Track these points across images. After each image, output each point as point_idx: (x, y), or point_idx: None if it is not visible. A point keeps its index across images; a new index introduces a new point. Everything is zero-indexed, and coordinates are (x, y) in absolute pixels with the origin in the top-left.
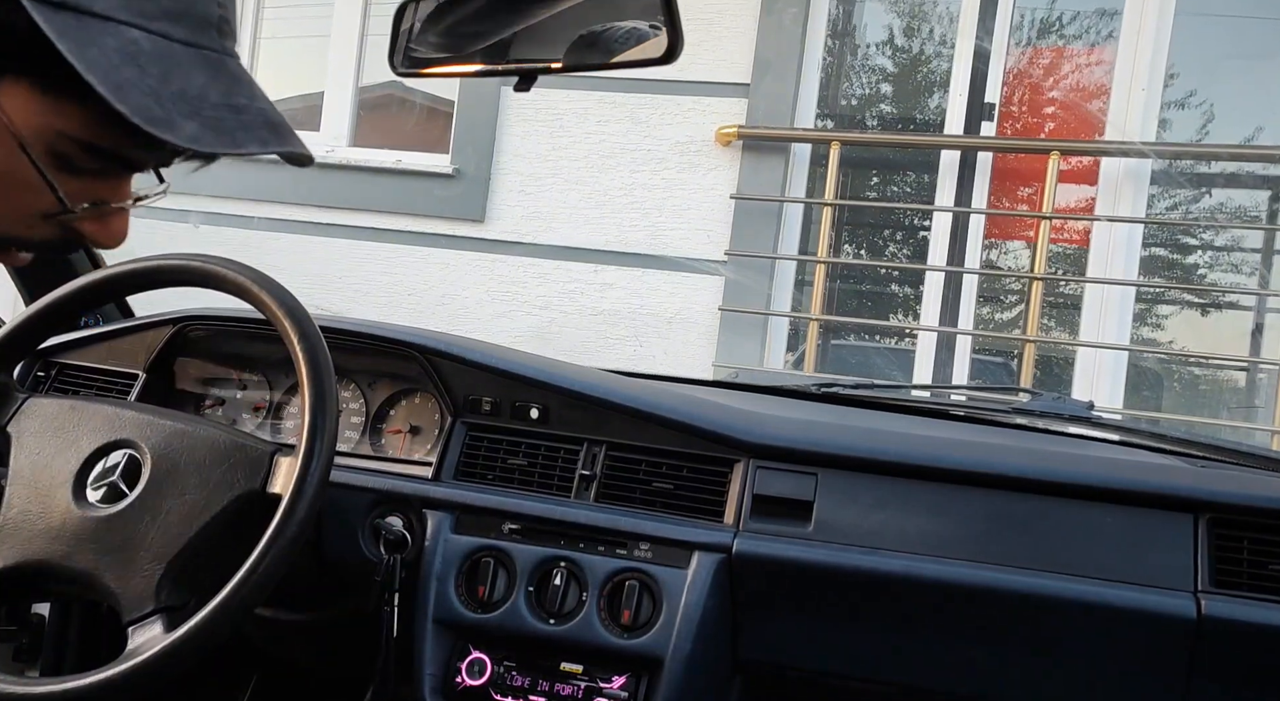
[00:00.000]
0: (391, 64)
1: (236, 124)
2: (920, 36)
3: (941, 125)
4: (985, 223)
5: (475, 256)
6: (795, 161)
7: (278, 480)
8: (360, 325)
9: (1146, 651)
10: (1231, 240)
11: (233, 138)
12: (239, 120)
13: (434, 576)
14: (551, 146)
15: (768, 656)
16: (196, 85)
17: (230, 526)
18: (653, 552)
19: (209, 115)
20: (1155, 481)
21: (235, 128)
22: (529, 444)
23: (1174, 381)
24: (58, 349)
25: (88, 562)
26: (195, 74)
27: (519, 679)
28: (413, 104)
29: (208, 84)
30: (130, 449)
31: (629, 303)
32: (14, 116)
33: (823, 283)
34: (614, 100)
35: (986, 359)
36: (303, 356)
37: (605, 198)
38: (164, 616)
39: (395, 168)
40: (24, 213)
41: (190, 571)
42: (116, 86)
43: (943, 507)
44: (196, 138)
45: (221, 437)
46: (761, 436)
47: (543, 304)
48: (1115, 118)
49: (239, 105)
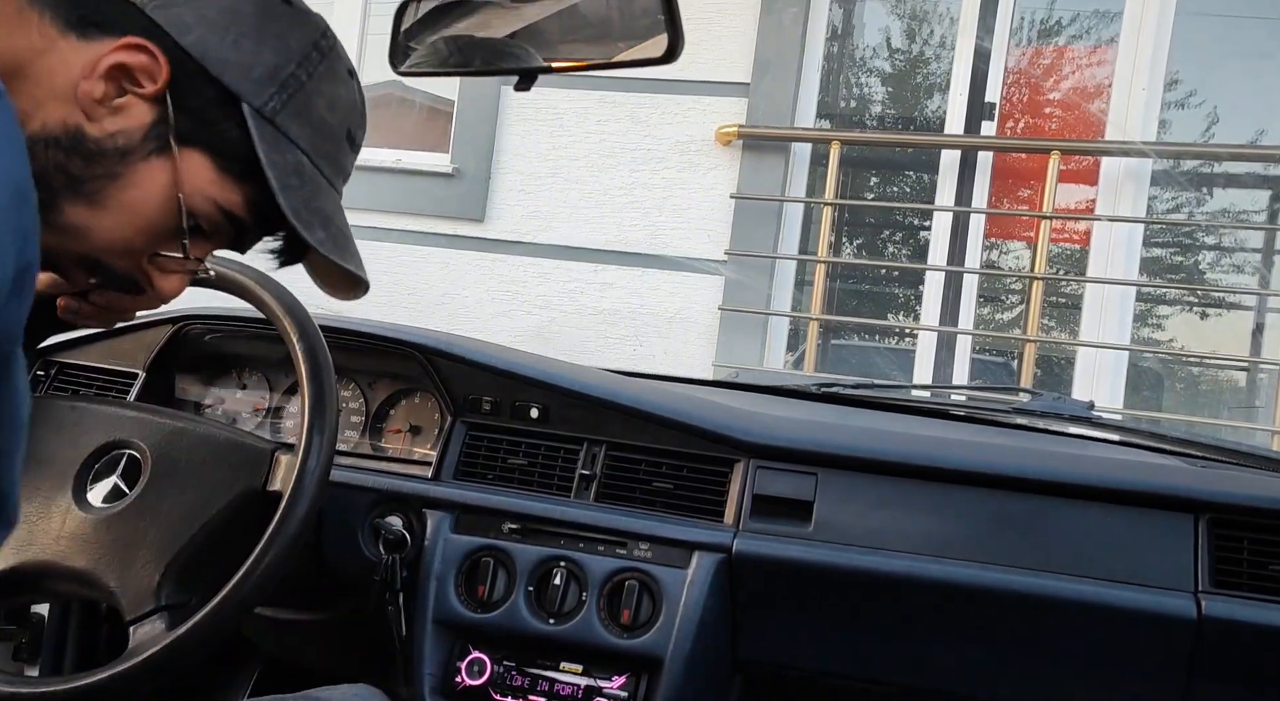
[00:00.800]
0: (392, 64)
1: (346, 246)
2: (920, 36)
3: (942, 125)
4: (985, 222)
5: (475, 256)
6: (795, 161)
7: (278, 478)
8: (360, 325)
9: (1146, 651)
10: (1232, 240)
11: (343, 254)
12: (349, 245)
13: (434, 576)
14: (551, 146)
15: (768, 656)
16: (329, 209)
17: (231, 524)
18: (653, 552)
19: (333, 231)
20: (1155, 481)
21: (345, 248)
22: (529, 443)
23: (1174, 381)
24: (58, 348)
25: (89, 562)
26: (329, 201)
27: (519, 679)
28: (413, 103)
29: (334, 212)
30: (130, 448)
31: (629, 302)
32: (186, 178)
33: (823, 282)
34: (614, 99)
35: (987, 359)
36: (302, 354)
37: (605, 197)
38: (165, 614)
39: (395, 167)
40: (142, 254)
41: (191, 569)
42: (284, 187)
43: (943, 507)
44: (323, 243)
45: (221, 436)
46: (761, 436)
47: (543, 303)
48: (1116, 117)
49: (348, 234)
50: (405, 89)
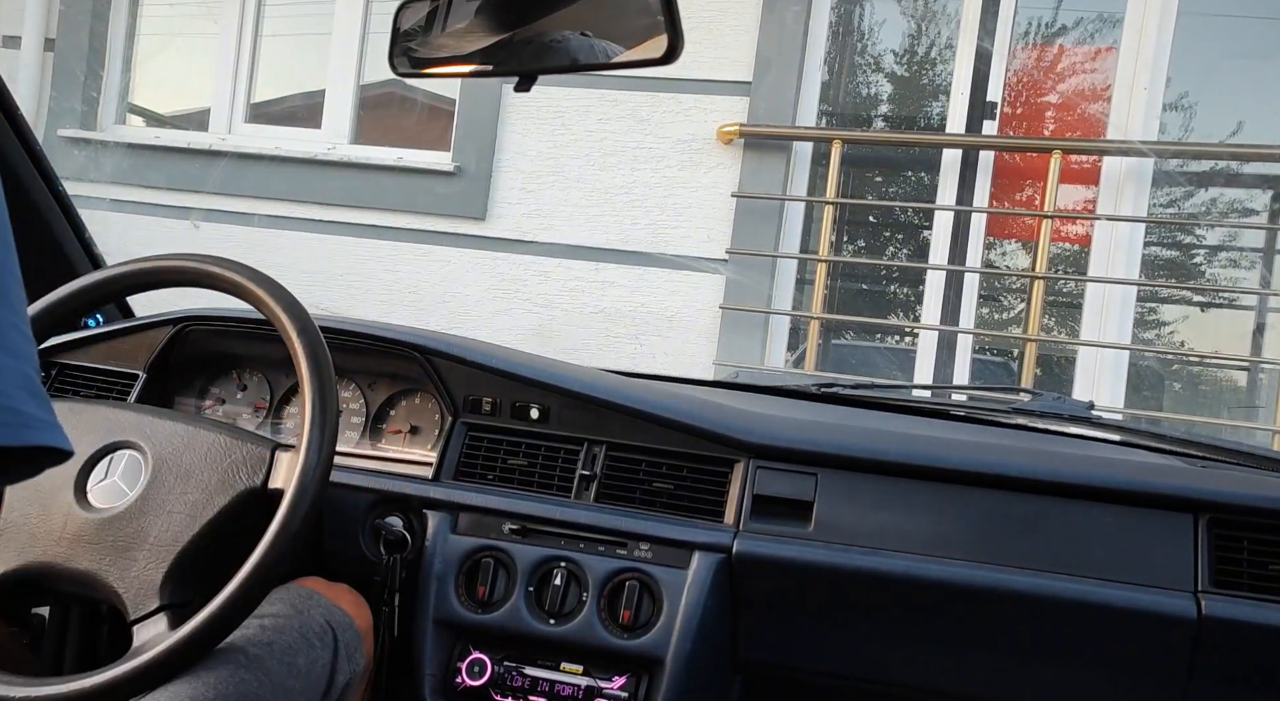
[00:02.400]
0: (391, 64)
1: None
2: (922, 35)
3: (943, 124)
4: (986, 222)
5: (476, 254)
6: (797, 160)
7: (279, 476)
8: (360, 325)
9: (1146, 651)
10: (1233, 240)
11: None
12: None
13: (434, 576)
14: (553, 144)
15: (768, 656)
16: None
17: (232, 524)
18: (653, 553)
19: None
20: (1155, 481)
21: None
22: (529, 444)
23: (1175, 381)
24: (58, 349)
25: (90, 563)
26: None
27: (519, 679)
28: (414, 102)
29: None
30: (131, 449)
31: (630, 301)
32: None
33: (824, 281)
34: (615, 98)
35: (987, 359)
36: (302, 352)
37: (606, 196)
38: (168, 614)
39: (396, 165)
40: None
41: (193, 569)
42: None
43: (943, 508)
44: None
45: (222, 436)
46: (761, 436)
47: (543, 302)
48: (1117, 117)
49: None
50: (406, 88)
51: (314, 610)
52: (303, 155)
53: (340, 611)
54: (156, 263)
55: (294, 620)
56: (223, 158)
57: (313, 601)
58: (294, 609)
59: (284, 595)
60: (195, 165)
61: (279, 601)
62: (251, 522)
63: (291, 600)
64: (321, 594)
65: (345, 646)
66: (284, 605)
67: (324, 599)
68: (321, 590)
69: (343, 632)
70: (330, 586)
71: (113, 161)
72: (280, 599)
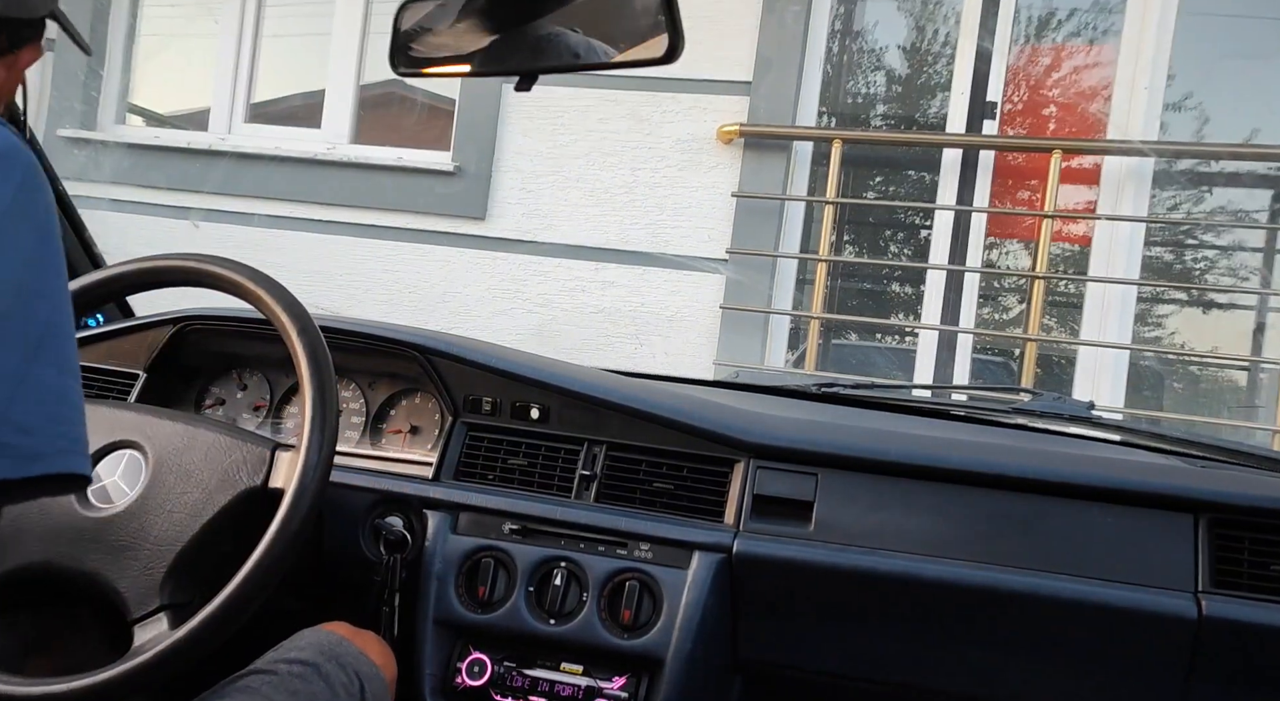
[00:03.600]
0: (392, 64)
1: None
2: (922, 35)
3: (943, 124)
4: (987, 222)
5: (476, 254)
6: (797, 159)
7: (279, 476)
8: (360, 325)
9: (1146, 651)
10: (1233, 240)
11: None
12: None
13: (434, 576)
14: (552, 144)
15: (768, 656)
16: None
17: (232, 523)
18: (653, 553)
19: None
20: (1155, 481)
21: None
22: (529, 444)
23: (1175, 381)
24: None
25: (91, 563)
26: None
27: (519, 679)
28: (414, 101)
29: None
30: (131, 449)
31: (630, 300)
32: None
33: (824, 281)
34: (615, 98)
35: (987, 358)
36: (302, 352)
37: (606, 195)
38: (168, 613)
39: (396, 165)
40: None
41: (193, 568)
42: None
43: (943, 507)
44: None
45: (222, 436)
46: (762, 436)
47: (543, 302)
48: (1117, 117)
49: None
50: (406, 88)
51: (343, 658)
52: (302, 155)
53: (368, 661)
54: (157, 262)
55: (322, 668)
56: (223, 157)
57: (341, 648)
58: (322, 656)
59: (313, 640)
60: (195, 165)
61: (308, 647)
62: (252, 522)
63: (320, 647)
64: (350, 641)
65: (372, 697)
66: (312, 651)
67: (352, 647)
68: (349, 637)
69: (370, 683)
70: (358, 633)
71: (113, 161)
72: (309, 644)
